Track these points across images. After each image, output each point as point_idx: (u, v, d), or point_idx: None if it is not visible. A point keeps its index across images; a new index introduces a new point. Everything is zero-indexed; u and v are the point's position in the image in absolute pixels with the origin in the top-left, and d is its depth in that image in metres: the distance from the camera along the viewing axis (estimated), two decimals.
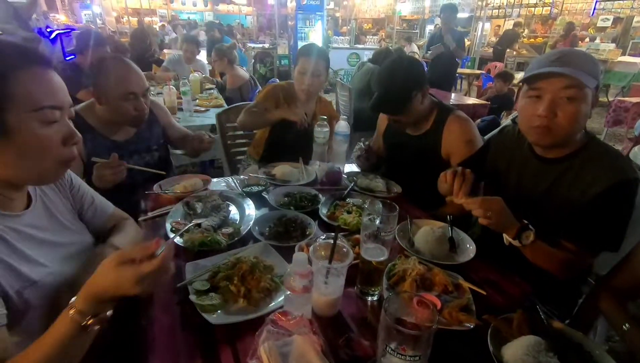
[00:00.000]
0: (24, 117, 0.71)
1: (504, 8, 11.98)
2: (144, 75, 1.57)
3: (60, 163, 0.79)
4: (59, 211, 0.92)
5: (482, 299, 0.95)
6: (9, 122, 0.69)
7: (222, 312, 0.88)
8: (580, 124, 1.08)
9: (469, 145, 1.56)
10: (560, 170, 1.15)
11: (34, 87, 0.72)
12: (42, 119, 0.73)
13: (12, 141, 0.70)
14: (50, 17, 9.56)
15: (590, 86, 1.02)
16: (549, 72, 1.04)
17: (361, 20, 18.02)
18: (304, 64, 1.94)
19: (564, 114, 1.04)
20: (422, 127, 1.68)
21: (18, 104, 0.69)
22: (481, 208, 1.04)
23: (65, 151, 0.78)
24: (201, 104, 3.29)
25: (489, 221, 1.05)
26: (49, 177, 0.83)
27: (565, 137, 1.10)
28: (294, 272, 0.79)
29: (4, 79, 0.68)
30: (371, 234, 0.92)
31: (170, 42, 9.53)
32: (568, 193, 1.13)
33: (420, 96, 1.58)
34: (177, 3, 18.47)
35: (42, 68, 0.74)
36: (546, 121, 1.06)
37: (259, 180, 1.58)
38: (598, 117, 6.45)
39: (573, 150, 1.14)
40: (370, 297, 0.98)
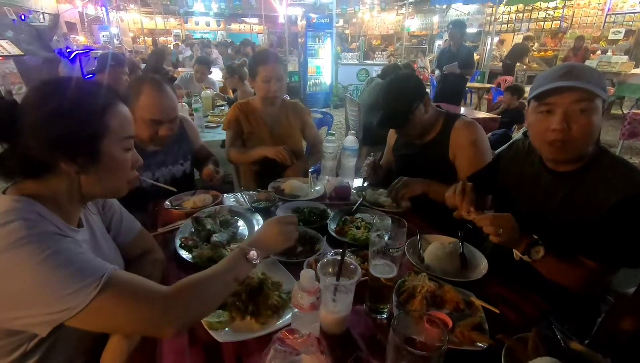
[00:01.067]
0: (114, 146, 0.82)
1: (512, 23, 12.02)
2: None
3: (128, 182, 0.90)
4: (99, 230, 0.98)
5: (495, 318, 0.92)
6: (103, 149, 0.80)
7: (230, 329, 0.87)
8: (594, 136, 1.06)
9: (474, 146, 1.56)
10: (572, 184, 1.13)
11: (121, 121, 0.83)
12: (124, 147, 0.85)
13: (103, 164, 0.81)
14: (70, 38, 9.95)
15: (601, 96, 1.01)
16: (559, 86, 1.03)
17: (370, 36, 18.28)
18: (265, 71, 1.92)
19: (578, 126, 1.03)
20: (429, 135, 1.69)
21: (112, 135, 0.81)
22: (492, 226, 1.02)
23: (132, 173, 0.90)
24: (212, 120, 3.35)
25: (499, 239, 1.03)
26: (119, 193, 0.92)
27: (580, 149, 1.08)
28: (302, 289, 0.78)
29: (102, 114, 0.79)
30: (380, 250, 0.91)
31: (184, 60, 9.81)
32: (581, 207, 1.10)
33: (423, 106, 1.60)
34: (191, 23, 19.07)
35: (123, 104, 0.86)
36: (561, 135, 1.04)
37: (267, 195, 1.59)
38: (613, 130, 6.33)
39: (585, 163, 1.12)
40: (380, 315, 0.96)
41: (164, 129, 1.52)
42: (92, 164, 0.80)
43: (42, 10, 9.56)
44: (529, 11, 11.53)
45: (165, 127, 1.52)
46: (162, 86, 1.53)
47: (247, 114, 2.05)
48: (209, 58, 5.17)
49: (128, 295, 0.71)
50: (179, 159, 1.75)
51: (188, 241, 1.21)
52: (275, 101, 2.03)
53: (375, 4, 15.66)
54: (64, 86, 0.79)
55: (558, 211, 1.15)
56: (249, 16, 17.53)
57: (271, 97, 1.98)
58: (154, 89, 1.49)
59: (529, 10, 11.51)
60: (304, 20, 9.00)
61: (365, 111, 3.88)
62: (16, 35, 6.21)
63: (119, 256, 1.03)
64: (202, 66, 4.38)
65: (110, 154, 0.82)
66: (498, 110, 5.05)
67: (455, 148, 1.60)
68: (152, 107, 1.48)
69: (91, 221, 0.96)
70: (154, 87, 1.50)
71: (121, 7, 15.02)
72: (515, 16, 11.95)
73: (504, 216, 1.05)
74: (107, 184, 0.86)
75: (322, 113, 3.79)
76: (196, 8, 14.00)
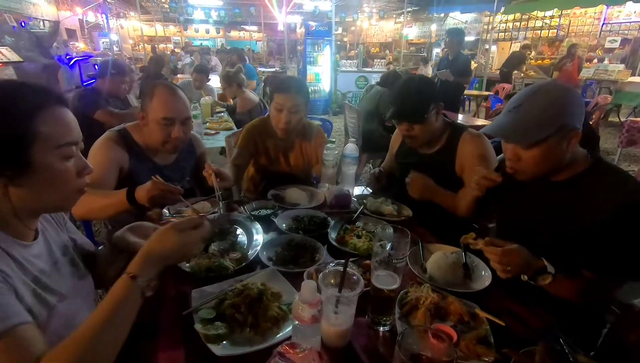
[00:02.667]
0: (47, 154, 0.74)
1: (510, 31, 12.14)
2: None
3: (76, 192, 0.83)
4: (55, 244, 0.91)
5: (500, 330, 0.90)
6: (33, 158, 0.73)
7: (228, 343, 0.85)
8: (552, 162, 1.09)
9: (482, 160, 1.54)
10: (566, 193, 1.12)
11: (55, 126, 0.76)
12: (62, 155, 0.77)
13: (36, 175, 0.74)
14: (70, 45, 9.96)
15: (543, 136, 1.03)
16: (500, 137, 1.16)
17: (368, 44, 18.42)
18: (280, 100, 1.77)
19: (525, 158, 1.10)
20: (435, 146, 1.68)
21: (42, 142, 0.73)
22: (501, 264, 0.99)
23: (79, 182, 0.83)
24: (211, 127, 3.35)
25: (506, 276, 1.00)
26: (68, 205, 0.87)
27: (535, 175, 1.13)
28: (303, 301, 0.76)
29: (30, 118, 0.72)
30: (382, 261, 0.89)
31: (183, 67, 9.84)
32: (578, 217, 1.08)
33: (435, 111, 1.59)
34: (191, 30, 19.20)
35: (60, 106, 0.78)
36: (512, 164, 1.14)
37: (267, 203, 1.57)
38: (611, 137, 6.36)
39: (577, 172, 1.12)
40: (382, 327, 0.94)
41: (176, 131, 1.50)
42: (23, 176, 0.73)
43: (42, 17, 9.59)
44: (526, 20, 11.65)
45: (177, 128, 1.50)
46: (174, 87, 1.55)
47: (263, 136, 1.94)
48: (207, 67, 5.18)
49: (14, 354, 0.63)
50: (185, 175, 1.74)
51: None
52: (284, 133, 1.85)
53: (374, 12, 15.80)
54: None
55: (554, 221, 1.13)
56: (248, 24, 17.65)
57: (280, 129, 1.83)
58: (166, 89, 1.51)
59: (526, 19, 11.63)
60: (303, 28, 9.07)
61: (365, 118, 3.88)
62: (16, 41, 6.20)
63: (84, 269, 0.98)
64: (200, 75, 4.40)
65: (43, 164, 0.74)
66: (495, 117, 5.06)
67: (463, 161, 1.59)
68: (164, 106, 1.48)
69: (47, 236, 0.90)
70: (166, 88, 1.52)
71: (121, 15, 15.12)
72: (512, 25, 12.07)
73: (514, 249, 1.00)
74: (47, 197, 0.78)
75: (321, 120, 3.78)
76: (196, 15, 14.05)
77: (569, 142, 1.06)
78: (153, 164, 1.60)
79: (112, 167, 1.47)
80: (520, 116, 1.08)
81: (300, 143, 1.98)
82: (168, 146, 1.54)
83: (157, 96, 1.48)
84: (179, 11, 13.96)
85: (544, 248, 1.05)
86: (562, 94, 1.06)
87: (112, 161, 1.48)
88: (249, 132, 1.95)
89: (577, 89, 7.43)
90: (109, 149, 1.49)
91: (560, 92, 1.06)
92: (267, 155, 1.96)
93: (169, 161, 1.66)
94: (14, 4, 8.33)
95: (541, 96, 1.07)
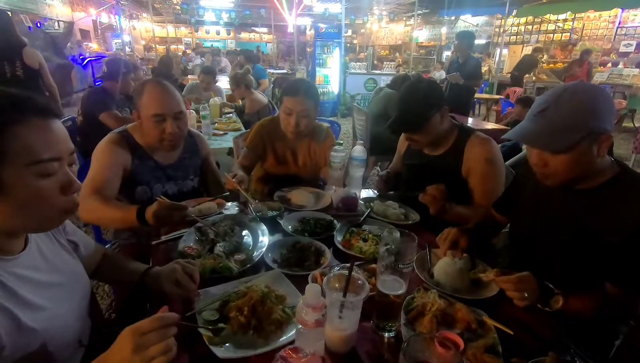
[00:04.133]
0: (20, 172, 0.68)
1: (522, 34, 12.01)
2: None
3: (61, 211, 0.76)
4: (49, 250, 0.88)
5: (509, 339, 0.88)
6: (3, 178, 0.67)
7: (231, 345, 0.84)
8: (582, 167, 1.03)
9: (488, 164, 1.52)
10: (590, 203, 1.07)
11: (30, 141, 0.69)
12: (38, 173, 0.70)
13: (9, 196, 0.68)
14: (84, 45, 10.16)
15: (568, 143, 0.98)
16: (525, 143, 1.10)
17: (378, 46, 18.38)
18: (289, 104, 1.77)
19: (553, 164, 1.04)
20: (441, 147, 1.65)
21: (13, 160, 0.67)
22: (518, 291, 0.97)
23: (65, 200, 0.75)
24: (220, 127, 3.36)
25: (525, 303, 0.97)
26: (50, 225, 0.82)
27: (567, 180, 1.06)
28: (307, 305, 0.75)
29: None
30: (388, 266, 0.88)
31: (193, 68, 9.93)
32: (602, 228, 1.04)
33: (439, 116, 1.56)
34: (202, 32, 19.41)
35: (40, 119, 0.71)
36: (540, 169, 1.08)
37: (273, 205, 1.56)
38: (625, 143, 6.24)
39: (603, 181, 1.06)
40: (387, 333, 0.92)
41: (169, 126, 1.50)
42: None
43: (57, 18, 9.79)
44: (539, 23, 11.51)
45: (170, 123, 1.50)
46: (162, 83, 1.54)
47: (271, 135, 1.94)
48: (214, 68, 5.22)
49: None
50: (189, 174, 1.74)
51: (191, 250, 1.19)
52: (293, 136, 1.85)
53: (384, 15, 15.76)
54: None
55: (576, 232, 1.09)
56: (258, 25, 17.81)
57: (289, 132, 1.83)
58: (155, 86, 1.51)
59: (539, 22, 11.50)
60: (312, 30, 9.09)
61: (373, 120, 3.87)
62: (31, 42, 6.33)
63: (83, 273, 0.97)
64: (207, 76, 4.43)
65: (16, 184, 0.68)
66: (506, 121, 5.00)
67: (470, 164, 1.56)
68: (154, 102, 1.48)
69: (40, 243, 0.86)
70: (155, 84, 1.53)
71: (134, 16, 15.34)
72: (524, 28, 11.93)
73: (524, 277, 0.99)
74: (27, 217, 0.72)
75: (329, 122, 3.78)
76: (207, 17, 14.18)
77: (599, 146, 1.00)
78: (155, 164, 1.61)
79: (115, 169, 1.48)
80: (546, 121, 1.02)
81: (309, 144, 1.98)
82: (165, 143, 1.54)
83: (146, 94, 1.49)
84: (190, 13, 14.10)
85: (561, 259, 1.01)
86: (590, 95, 1.00)
87: (115, 163, 1.49)
88: (258, 132, 1.94)
89: None
90: (111, 151, 1.49)
91: (589, 93, 1.00)
92: (275, 156, 1.96)
93: (172, 160, 1.66)
94: (30, 4, 8.52)
95: (568, 98, 1.00)
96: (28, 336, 0.74)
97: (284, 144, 1.94)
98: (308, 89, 1.80)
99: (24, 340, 0.73)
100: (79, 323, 0.90)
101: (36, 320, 0.76)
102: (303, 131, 1.83)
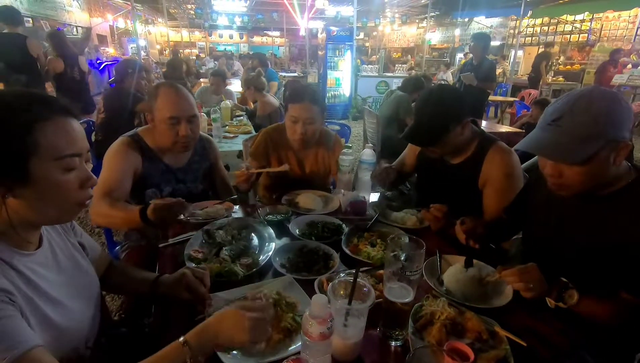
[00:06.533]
0: (47, 165, 0.73)
1: (537, 35, 11.78)
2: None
3: (78, 204, 0.81)
4: (61, 249, 0.91)
5: (521, 350, 0.84)
6: (32, 170, 0.72)
7: (239, 353, 0.83)
8: (598, 178, 0.99)
9: (507, 178, 1.45)
10: (605, 209, 1.03)
11: (56, 137, 0.75)
12: (63, 167, 0.76)
13: (34, 187, 0.73)
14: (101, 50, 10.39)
15: (585, 154, 0.93)
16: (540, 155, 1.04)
17: (390, 49, 18.30)
18: (294, 111, 1.73)
19: (569, 175, 0.99)
20: (460, 156, 1.56)
21: (41, 154, 0.72)
22: (522, 281, 0.95)
23: (82, 194, 0.81)
24: (230, 130, 3.38)
25: (531, 294, 0.95)
26: (67, 217, 0.87)
27: (580, 190, 1.02)
28: (312, 316, 0.72)
29: (29, 129, 0.71)
30: (395, 272, 0.85)
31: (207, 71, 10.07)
32: (617, 235, 0.99)
33: (460, 128, 1.46)
34: (215, 36, 19.69)
35: (64, 118, 0.77)
36: (555, 180, 1.03)
37: (281, 208, 1.55)
38: None
39: (619, 187, 1.02)
40: (395, 342, 0.90)
41: (183, 129, 1.51)
42: (22, 187, 0.72)
43: (75, 24, 10.06)
44: (555, 24, 11.28)
45: (184, 126, 1.51)
46: (177, 86, 1.56)
47: (276, 144, 1.89)
48: (223, 70, 5.28)
49: None
50: (198, 177, 1.74)
51: (197, 253, 1.18)
52: (300, 144, 1.81)
53: (396, 17, 15.69)
54: None
55: (591, 240, 1.05)
56: (271, 29, 17.92)
57: (296, 141, 1.79)
58: (168, 89, 1.53)
59: (555, 23, 11.27)
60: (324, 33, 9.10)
61: (384, 123, 3.84)
62: None
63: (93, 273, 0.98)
64: (217, 78, 4.48)
65: (42, 176, 0.73)
66: (519, 123, 4.89)
67: (487, 176, 1.48)
68: (168, 105, 1.49)
69: (52, 242, 0.89)
70: (169, 87, 1.54)
71: (149, 21, 15.65)
72: (540, 29, 11.71)
73: (528, 267, 0.98)
74: (46, 209, 0.77)
75: (340, 125, 3.77)
76: (220, 21, 14.37)
77: (617, 154, 0.95)
78: (166, 167, 1.62)
79: (127, 172, 1.50)
80: (561, 131, 0.96)
81: (317, 151, 1.94)
82: (178, 146, 1.55)
83: (161, 96, 1.50)
84: (204, 17, 14.33)
85: (575, 265, 0.98)
86: (606, 102, 0.94)
87: (127, 167, 1.50)
88: (262, 141, 1.90)
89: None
90: (123, 154, 1.51)
91: (605, 100, 0.94)
92: (280, 164, 1.87)
93: (182, 163, 1.67)
94: (50, 11, 8.78)
95: (583, 106, 0.95)
96: (50, 329, 0.76)
97: (290, 152, 1.90)
98: (313, 95, 1.76)
99: (46, 334, 0.75)
100: (90, 322, 0.91)
101: (57, 314, 0.79)
102: (310, 138, 1.79)
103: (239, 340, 0.75)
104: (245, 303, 0.80)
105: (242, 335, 0.74)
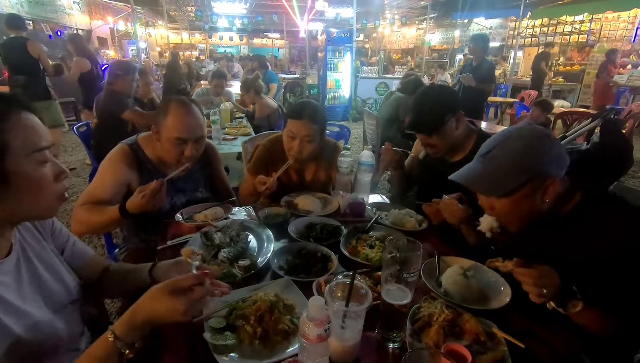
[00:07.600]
0: (21, 161, 0.73)
1: (537, 36, 11.79)
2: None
3: (56, 198, 0.81)
4: (37, 256, 0.89)
5: (520, 353, 0.84)
6: (8, 168, 0.71)
7: (236, 354, 0.83)
8: (527, 213, 1.03)
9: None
10: (558, 233, 1.04)
11: (24, 132, 0.74)
12: (37, 161, 0.75)
13: (14, 185, 0.73)
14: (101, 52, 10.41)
15: (507, 187, 0.97)
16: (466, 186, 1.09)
17: (390, 50, 18.33)
18: (292, 127, 1.67)
19: (498, 208, 1.04)
20: (459, 154, 1.62)
21: (14, 151, 0.72)
22: (537, 286, 0.89)
23: (58, 187, 0.81)
24: (230, 132, 3.39)
25: (541, 300, 0.90)
26: (48, 212, 0.84)
27: (520, 227, 1.07)
28: (310, 319, 0.71)
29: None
30: (393, 274, 0.85)
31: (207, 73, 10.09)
32: (574, 257, 0.98)
33: (454, 121, 1.55)
34: (215, 38, 19.73)
35: (25, 112, 0.76)
36: (489, 212, 1.10)
37: (280, 210, 1.55)
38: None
39: (569, 209, 1.03)
40: (392, 343, 0.89)
41: (189, 149, 1.48)
42: (2, 189, 0.71)
43: (76, 27, 10.09)
44: (554, 25, 11.30)
45: (190, 147, 1.48)
46: (188, 105, 1.50)
47: (273, 159, 1.83)
48: (224, 71, 5.28)
49: None
50: (199, 186, 1.71)
51: (196, 255, 1.18)
52: (295, 161, 1.75)
53: (396, 19, 15.72)
54: None
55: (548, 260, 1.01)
56: (271, 31, 17.96)
57: (291, 156, 1.72)
58: (180, 108, 1.47)
59: (554, 24, 11.28)
60: (324, 35, 9.12)
61: (384, 124, 3.83)
62: (51, 50, 6.57)
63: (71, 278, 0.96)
64: (219, 80, 4.48)
65: (20, 172, 0.72)
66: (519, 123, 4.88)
67: None
68: (178, 126, 1.45)
69: (27, 249, 0.87)
70: (181, 106, 1.48)
71: (149, 23, 15.69)
72: (539, 30, 11.72)
73: (547, 271, 0.91)
74: (28, 206, 0.77)
75: (339, 126, 3.77)
76: (220, 24, 14.40)
77: (544, 191, 0.98)
78: (163, 176, 1.56)
79: (118, 187, 1.46)
80: (488, 164, 1.02)
81: (317, 162, 1.89)
82: (180, 164, 1.50)
83: (171, 115, 1.45)
84: (204, 19, 14.36)
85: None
86: (535, 141, 0.98)
87: (118, 181, 1.47)
88: (261, 157, 1.86)
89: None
90: (117, 168, 1.47)
91: (534, 138, 0.99)
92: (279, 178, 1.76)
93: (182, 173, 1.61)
94: (51, 14, 8.81)
95: (513, 142, 1.00)
96: (12, 341, 0.74)
97: (289, 165, 1.82)
98: (314, 112, 1.68)
99: (8, 346, 0.73)
100: (68, 328, 0.89)
101: (19, 325, 0.76)
102: (306, 157, 1.74)
103: (159, 310, 0.74)
104: (171, 282, 0.77)
105: (159, 305, 0.74)
